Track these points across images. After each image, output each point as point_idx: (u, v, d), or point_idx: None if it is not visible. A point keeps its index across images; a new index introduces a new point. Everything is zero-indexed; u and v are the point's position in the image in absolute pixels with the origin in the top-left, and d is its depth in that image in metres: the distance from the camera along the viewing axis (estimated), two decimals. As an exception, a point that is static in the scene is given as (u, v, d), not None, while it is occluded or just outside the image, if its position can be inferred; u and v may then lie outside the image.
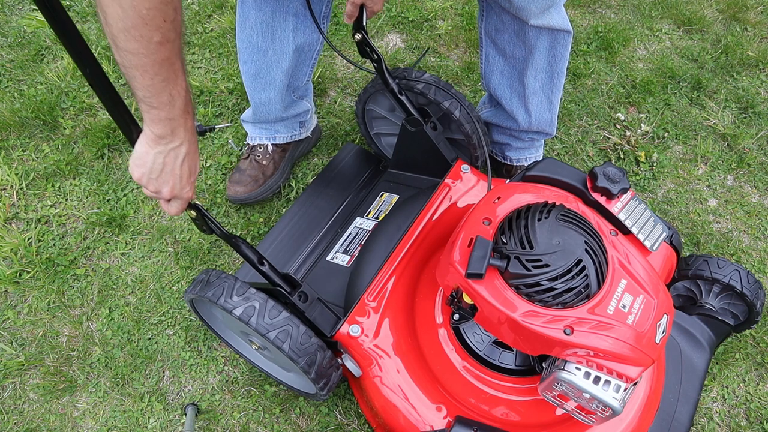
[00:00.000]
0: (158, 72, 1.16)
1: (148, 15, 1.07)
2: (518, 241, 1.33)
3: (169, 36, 1.12)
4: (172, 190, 1.37)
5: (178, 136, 1.28)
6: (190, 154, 1.34)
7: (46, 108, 2.64)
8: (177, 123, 1.26)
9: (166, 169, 1.33)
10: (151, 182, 1.35)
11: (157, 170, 1.32)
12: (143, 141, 1.30)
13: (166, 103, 1.21)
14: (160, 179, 1.34)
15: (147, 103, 1.21)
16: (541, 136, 2.29)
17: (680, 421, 1.70)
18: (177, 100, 1.22)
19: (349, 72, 2.84)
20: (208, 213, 1.52)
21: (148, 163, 1.31)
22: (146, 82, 1.17)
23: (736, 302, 1.89)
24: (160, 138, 1.27)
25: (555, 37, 1.94)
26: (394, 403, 1.63)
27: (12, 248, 2.29)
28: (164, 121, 1.24)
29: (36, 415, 2.02)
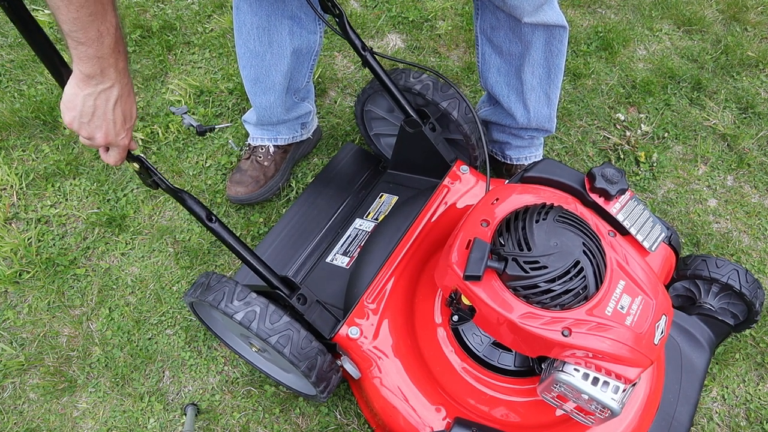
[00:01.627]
0: (83, 4, 1.11)
1: None
2: (516, 243, 1.33)
3: None
4: (106, 136, 1.32)
5: (109, 77, 1.23)
6: (123, 97, 1.28)
7: (46, 108, 2.65)
8: (106, 62, 1.20)
9: (97, 113, 1.27)
10: (83, 127, 1.30)
11: (87, 113, 1.27)
12: (73, 82, 1.24)
13: (93, 39, 1.16)
14: (92, 123, 1.29)
15: (73, 39, 1.15)
16: (540, 134, 2.29)
17: (680, 421, 1.70)
18: (106, 37, 1.17)
19: (349, 72, 2.84)
20: (152, 165, 1.48)
21: (78, 105, 1.26)
22: (71, 14, 1.12)
23: (736, 302, 1.89)
24: (89, 78, 1.22)
25: (551, 32, 1.94)
26: (393, 404, 1.63)
27: (12, 248, 2.29)
28: (92, 59, 1.19)
29: (36, 415, 2.02)
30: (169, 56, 2.86)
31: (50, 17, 2.96)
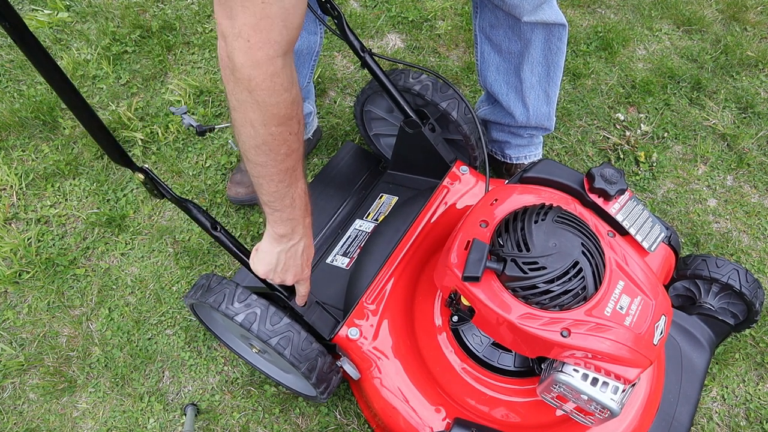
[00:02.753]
0: (282, 179, 1.28)
1: (276, 131, 1.19)
2: (515, 244, 1.33)
3: (294, 147, 1.25)
4: (295, 276, 1.51)
5: (298, 233, 1.41)
6: (308, 246, 1.47)
7: (45, 108, 2.65)
8: (297, 222, 1.38)
9: (288, 263, 1.46)
10: (276, 275, 1.49)
11: (280, 265, 1.46)
12: (266, 241, 1.43)
13: (288, 205, 1.33)
14: (285, 272, 1.49)
15: (271, 207, 1.33)
16: (539, 132, 2.29)
17: (680, 421, 1.70)
18: (297, 201, 1.34)
19: (348, 72, 2.84)
20: (157, 177, 1.53)
21: (273, 261, 1.45)
22: (272, 188, 1.29)
23: (736, 301, 1.89)
24: (281, 237, 1.40)
25: (550, 30, 1.94)
26: (393, 405, 1.63)
27: (12, 248, 2.29)
28: (286, 221, 1.36)
29: (36, 415, 2.02)
30: (169, 56, 2.86)
31: (50, 17, 2.97)
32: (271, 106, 1.15)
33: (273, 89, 1.12)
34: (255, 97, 1.12)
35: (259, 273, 1.51)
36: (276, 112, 1.16)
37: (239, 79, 1.11)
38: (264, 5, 1.05)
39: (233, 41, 1.08)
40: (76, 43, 2.91)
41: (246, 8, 1.05)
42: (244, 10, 1.06)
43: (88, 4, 3.05)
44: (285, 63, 1.13)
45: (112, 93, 2.74)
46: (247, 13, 1.06)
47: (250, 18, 1.06)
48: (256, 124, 1.17)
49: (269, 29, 1.07)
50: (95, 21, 2.98)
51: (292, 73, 1.16)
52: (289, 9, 1.08)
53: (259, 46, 1.08)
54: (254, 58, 1.09)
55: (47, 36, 2.93)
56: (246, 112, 1.15)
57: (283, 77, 1.13)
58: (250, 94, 1.12)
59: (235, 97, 1.15)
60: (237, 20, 1.06)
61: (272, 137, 1.19)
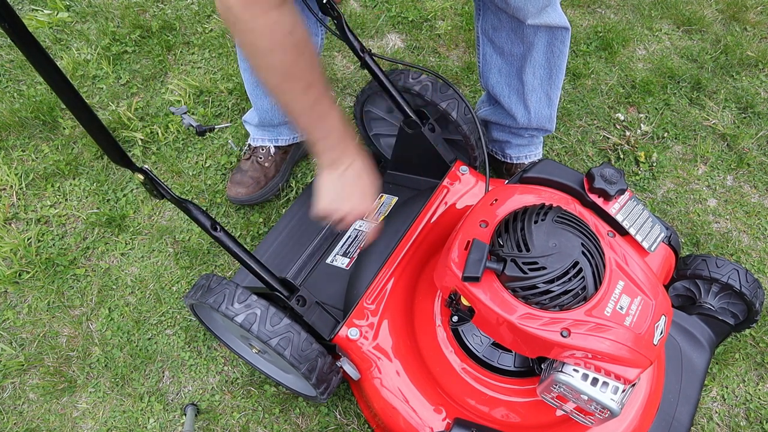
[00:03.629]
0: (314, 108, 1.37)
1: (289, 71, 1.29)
2: (515, 244, 1.33)
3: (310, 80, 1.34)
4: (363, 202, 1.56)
5: (349, 154, 1.47)
6: (366, 166, 1.52)
7: (45, 108, 2.65)
8: (345, 142, 1.46)
9: (348, 189, 1.51)
10: (341, 205, 1.54)
11: (341, 194, 1.51)
12: (321, 175, 1.49)
13: (329, 128, 1.42)
14: (349, 197, 1.53)
15: (315, 137, 1.42)
16: (540, 133, 2.29)
17: (680, 421, 1.70)
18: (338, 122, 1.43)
19: (348, 72, 2.84)
20: (157, 178, 1.54)
21: (331, 188, 1.51)
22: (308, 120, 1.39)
23: (736, 301, 1.89)
24: (332, 164, 1.46)
25: (553, 33, 1.93)
26: (393, 405, 1.63)
27: (12, 248, 2.29)
28: (332, 147, 1.44)
29: (36, 415, 2.03)
30: (169, 56, 2.87)
31: (49, 17, 2.97)
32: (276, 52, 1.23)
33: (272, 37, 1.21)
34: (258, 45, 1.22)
35: (321, 208, 1.53)
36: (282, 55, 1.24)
37: (241, 30, 1.19)
38: None
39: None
40: (76, 43, 2.91)
41: None
42: None
43: (88, 4, 3.05)
44: (281, 13, 1.19)
45: (112, 93, 2.74)
46: None
47: None
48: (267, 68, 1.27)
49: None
50: (95, 21, 2.98)
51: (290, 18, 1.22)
52: None
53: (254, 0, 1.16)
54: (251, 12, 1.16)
55: (47, 36, 2.93)
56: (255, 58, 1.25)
57: (282, 24, 1.20)
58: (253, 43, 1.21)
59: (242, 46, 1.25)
60: None
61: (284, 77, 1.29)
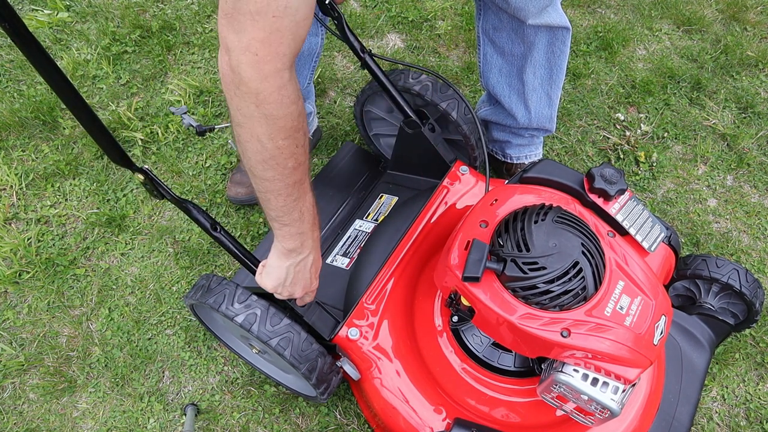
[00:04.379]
0: (291, 193, 1.27)
1: (284, 144, 1.17)
2: (515, 244, 1.33)
3: (301, 159, 1.23)
4: (303, 289, 1.52)
5: (307, 247, 1.40)
6: (317, 260, 1.47)
7: (45, 108, 2.65)
8: (306, 236, 1.37)
9: (297, 277, 1.46)
10: (285, 289, 1.49)
11: (290, 279, 1.46)
12: (275, 255, 1.42)
13: (296, 219, 1.32)
14: (294, 286, 1.49)
15: (279, 222, 1.32)
16: (540, 133, 2.29)
17: (680, 421, 1.70)
18: (306, 215, 1.33)
19: (348, 72, 2.84)
20: (157, 178, 1.53)
21: (282, 275, 1.45)
22: (280, 203, 1.28)
23: (736, 301, 1.89)
24: (290, 251, 1.39)
25: (554, 33, 1.93)
26: (393, 405, 1.63)
27: (12, 248, 2.29)
28: (295, 235, 1.35)
29: (36, 415, 2.02)
30: (169, 56, 2.86)
31: (49, 17, 2.97)
32: (279, 119, 1.13)
33: (281, 102, 1.11)
34: (263, 110, 1.11)
35: (267, 288, 1.49)
36: (283, 125, 1.15)
37: (246, 93, 1.09)
38: (275, 19, 1.04)
39: (240, 55, 1.06)
40: (76, 43, 2.91)
41: (256, 22, 1.04)
42: (254, 24, 1.04)
43: (88, 4, 3.05)
44: (291, 75, 1.12)
45: (112, 93, 2.74)
46: (257, 27, 1.04)
47: (259, 32, 1.04)
48: (263, 138, 1.15)
49: (279, 43, 1.06)
50: (95, 21, 2.98)
51: (297, 85, 1.15)
52: (299, 22, 1.07)
53: (268, 59, 1.07)
54: (263, 72, 1.07)
55: (47, 36, 2.93)
56: (253, 126, 1.14)
57: (290, 89, 1.12)
58: (257, 108, 1.11)
59: (241, 112, 1.13)
60: (245, 34, 1.05)
61: (279, 151, 1.18)
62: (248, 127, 1.14)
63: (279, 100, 1.11)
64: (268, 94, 1.09)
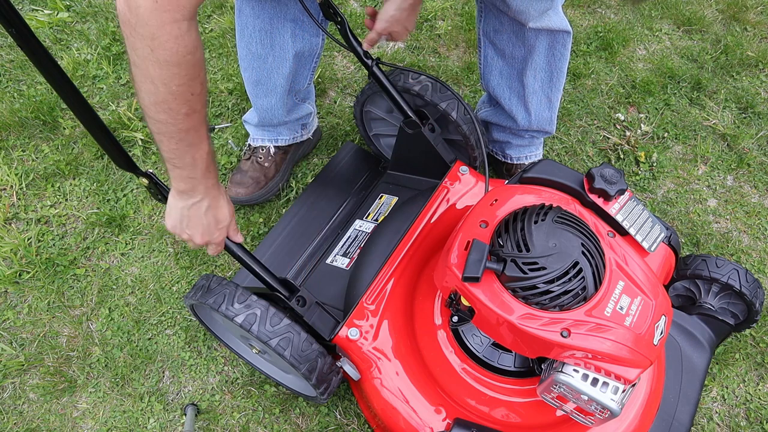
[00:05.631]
0: (183, 138, 1.28)
1: (177, 90, 1.18)
2: (515, 244, 1.33)
3: (196, 107, 1.24)
4: (202, 236, 1.52)
5: (198, 192, 1.42)
6: (212, 207, 1.47)
7: (45, 108, 2.65)
8: (197, 181, 1.39)
9: (192, 221, 1.48)
10: (182, 231, 1.51)
11: (185, 221, 1.48)
12: (171, 195, 1.46)
13: (188, 164, 1.34)
14: (189, 228, 1.50)
15: (171, 164, 1.34)
16: (540, 135, 2.29)
17: (681, 421, 1.70)
18: (199, 162, 1.34)
19: (348, 72, 2.84)
20: (161, 182, 1.55)
21: (176, 215, 1.48)
22: (172, 146, 1.29)
23: (736, 301, 1.89)
24: (182, 193, 1.42)
25: (554, 37, 1.94)
26: (393, 405, 1.63)
27: (12, 248, 2.29)
28: (186, 179, 1.37)
29: (36, 415, 2.02)
30: (169, 56, 2.86)
31: (50, 17, 2.97)
32: (173, 66, 1.14)
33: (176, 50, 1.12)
34: (157, 55, 1.12)
35: (167, 227, 1.52)
36: (178, 72, 1.16)
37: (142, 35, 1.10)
38: None
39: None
40: (76, 43, 2.91)
41: None
42: None
43: (88, 4, 3.05)
44: (190, 25, 1.13)
45: (112, 93, 2.74)
46: None
47: None
48: (156, 82, 1.16)
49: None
50: (95, 21, 2.98)
51: (197, 36, 1.16)
52: None
53: (167, 8, 1.08)
54: (160, 19, 1.08)
55: (47, 36, 2.93)
56: (147, 68, 1.14)
57: (187, 39, 1.13)
58: (152, 52, 1.12)
59: (136, 52, 1.14)
60: None
61: (173, 96, 1.19)
62: (143, 68, 1.15)
63: (174, 48, 1.12)
64: (165, 41, 1.10)
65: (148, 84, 1.17)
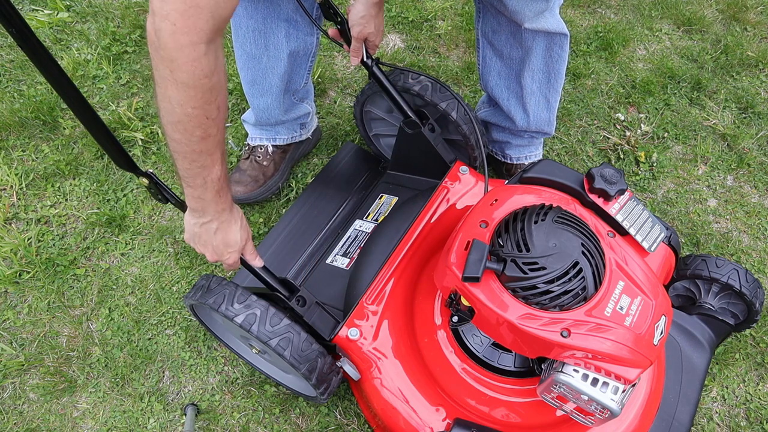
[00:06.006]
0: (196, 159, 1.31)
1: (193, 113, 1.21)
2: (515, 244, 1.33)
3: (211, 132, 1.27)
4: (212, 256, 1.53)
5: (208, 214, 1.44)
6: (222, 230, 1.49)
7: (45, 108, 2.65)
8: (207, 203, 1.41)
9: (202, 239, 1.50)
10: (196, 246, 1.53)
11: (196, 237, 1.51)
12: (186, 211, 1.49)
13: (199, 185, 1.36)
14: (200, 245, 1.52)
15: (185, 182, 1.37)
16: (539, 135, 2.29)
17: (681, 421, 1.70)
18: (209, 184, 1.37)
19: (348, 72, 2.84)
20: (161, 182, 1.55)
21: (189, 230, 1.51)
22: (185, 165, 1.32)
23: (736, 301, 1.89)
24: (193, 211, 1.45)
25: (551, 38, 1.94)
26: (393, 405, 1.63)
27: (12, 248, 2.29)
28: (197, 199, 1.40)
29: (36, 415, 2.02)
30: (169, 56, 2.86)
31: (50, 17, 2.97)
32: (190, 89, 1.17)
33: (193, 73, 1.15)
34: (175, 76, 1.15)
35: (186, 238, 1.55)
36: (194, 95, 1.18)
37: (162, 57, 1.13)
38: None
39: (161, 22, 1.09)
40: (77, 43, 2.91)
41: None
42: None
43: (88, 4, 3.05)
44: (208, 50, 1.15)
45: (113, 93, 2.74)
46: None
47: (180, 4, 1.08)
48: (173, 102, 1.19)
49: (197, 17, 1.10)
50: (95, 21, 2.98)
51: (216, 60, 1.18)
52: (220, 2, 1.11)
53: (185, 31, 1.10)
54: (178, 42, 1.11)
55: (47, 36, 2.93)
56: (166, 88, 1.18)
57: (204, 63, 1.15)
58: (171, 73, 1.15)
59: (158, 72, 1.17)
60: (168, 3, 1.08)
61: (188, 118, 1.22)
62: (162, 88, 1.19)
63: (191, 71, 1.15)
64: (182, 63, 1.13)
65: (166, 103, 1.20)
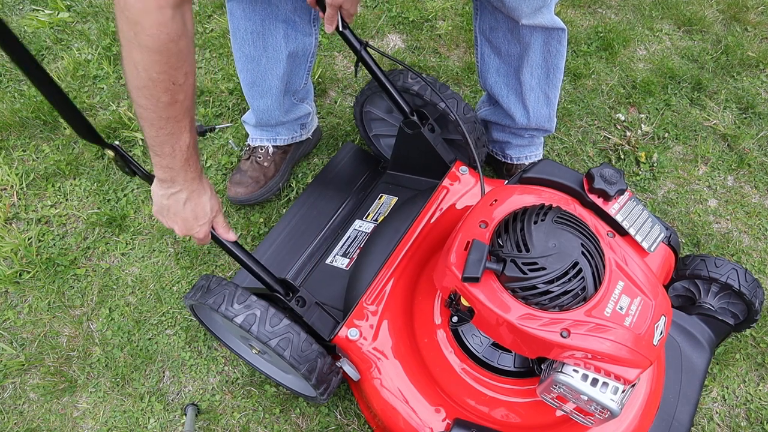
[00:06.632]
0: (163, 127, 1.28)
1: (158, 78, 1.19)
2: (514, 244, 1.33)
3: (178, 98, 1.24)
4: (182, 229, 1.51)
5: (177, 183, 1.41)
6: (192, 200, 1.46)
7: (46, 108, 2.65)
8: (176, 172, 1.38)
9: (171, 210, 1.47)
10: (164, 219, 1.51)
11: (164, 210, 1.48)
12: (154, 183, 1.46)
13: (167, 153, 1.34)
14: (169, 218, 1.50)
15: (153, 151, 1.35)
16: (540, 133, 2.29)
17: (681, 421, 1.70)
18: (178, 152, 1.34)
19: (349, 72, 2.84)
20: (127, 153, 1.53)
21: (158, 202, 1.48)
22: (152, 133, 1.30)
23: (735, 301, 1.89)
24: (162, 182, 1.42)
25: (549, 33, 1.94)
26: (393, 405, 1.63)
27: (12, 248, 2.29)
28: (164, 168, 1.37)
29: (36, 415, 2.03)
30: (170, 56, 2.86)
31: (50, 17, 2.97)
32: (155, 53, 1.16)
33: (158, 37, 1.14)
34: (139, 39, 1.14)
35: (154, 210, 1.52)
36: (159, 59, 1.17)
37: (128, 18, 1.12)
38: None
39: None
40: (77, 43, 2.91)
41: None
42: None
43: (88, 4, 3.05)
44: (175, 14, 1.14)
45: (113, 93, 2.74)
46: None
47: None
48: (138, 66, 1.17)
49: None
50: (96, 21, 2.99)
51: (183, 25, 1.17)
52: None
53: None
54: (145, 5, 1.10)
55: (48, 36, 2.93)
56: (131, 51, 1.16)
57: (171, 27, 1.14)
58: (135, 36, 1.13)
59: (123, 34, 1.16)
60: None
61: (153, 83, 1.20)
62: (127, 51, 1.17)
63: (156, 34, 1.13)
64: (148, 26, 1.12)
65: (131, 67, 1.18)
